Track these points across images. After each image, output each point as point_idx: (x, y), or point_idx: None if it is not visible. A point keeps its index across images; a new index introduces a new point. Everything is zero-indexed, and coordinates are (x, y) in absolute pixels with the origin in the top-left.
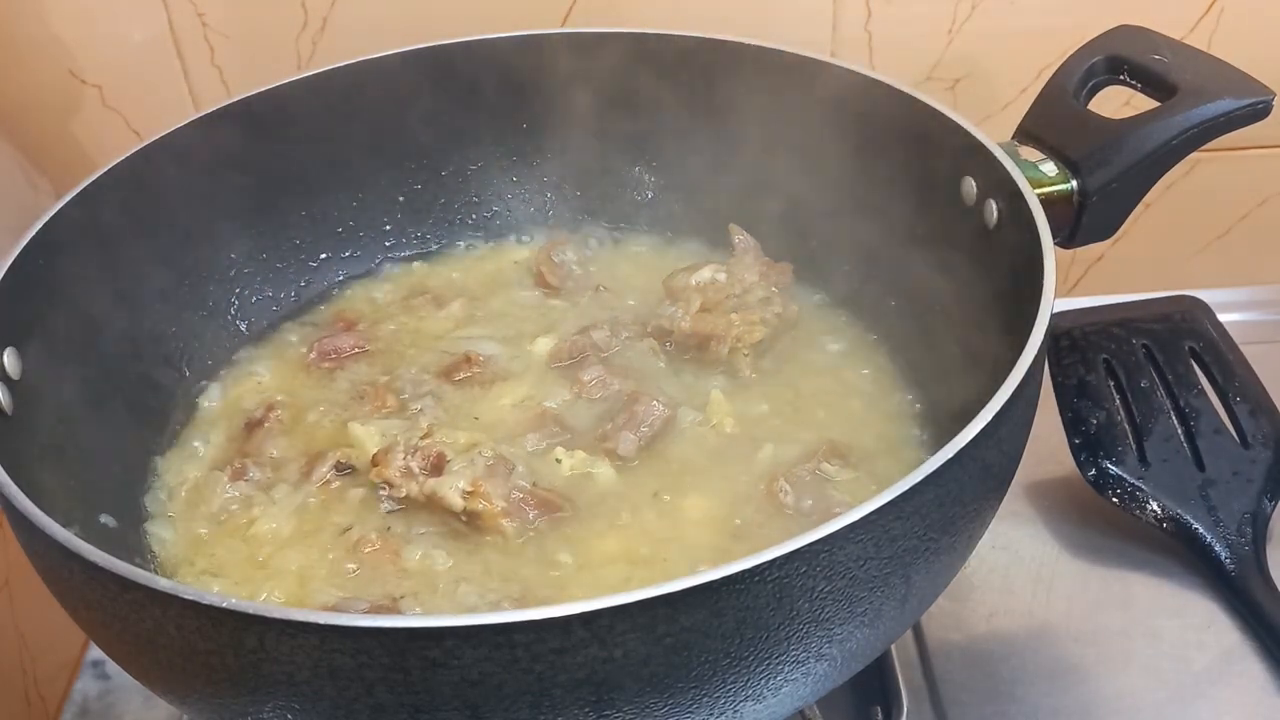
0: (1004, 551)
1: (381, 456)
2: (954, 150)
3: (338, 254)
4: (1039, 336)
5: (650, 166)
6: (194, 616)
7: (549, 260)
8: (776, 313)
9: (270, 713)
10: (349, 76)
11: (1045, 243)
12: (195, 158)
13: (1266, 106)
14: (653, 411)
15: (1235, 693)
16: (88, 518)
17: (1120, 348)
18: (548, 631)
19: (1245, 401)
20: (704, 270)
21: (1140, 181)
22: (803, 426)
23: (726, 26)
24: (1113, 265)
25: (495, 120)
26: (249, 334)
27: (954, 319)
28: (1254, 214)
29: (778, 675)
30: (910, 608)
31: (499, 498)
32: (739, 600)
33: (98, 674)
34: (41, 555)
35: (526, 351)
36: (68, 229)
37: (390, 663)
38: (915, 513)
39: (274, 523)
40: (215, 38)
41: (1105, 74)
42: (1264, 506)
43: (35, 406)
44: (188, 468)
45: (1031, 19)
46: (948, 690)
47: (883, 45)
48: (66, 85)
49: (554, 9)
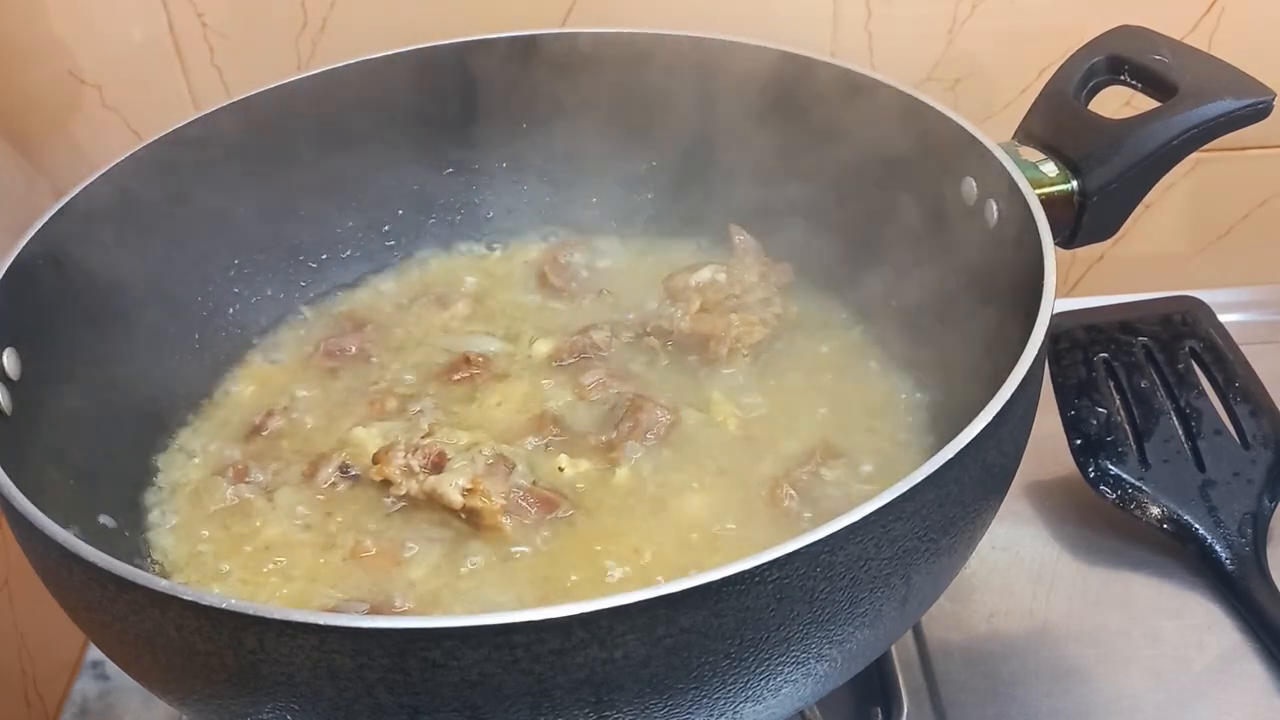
0: (1004, 552)
1: (382, 455)
2: (954, 150)
3: (337, 255)
4: (1039, 336)
5: (650, 166)
6: (193, 617)
7: (555, 262)
8: (776, 313)
9: (270, 713)
10: (349, 76)
11: (1045, 243)
12: (194, 158)
13: (1267, 106)
14: (657, 419)
15: (1235, 693)
16: (87, 518)
17: (1120, 348)
18: (547, 632)
19: (1245, 402)
20: (704, 270)
21: (1141, 182)
22: (803, 427)
23: (727, 26)
24: (1113, 265)
25: (495, 120)
26: (249, 334)
27: (954, 319)
28: (1254, 214)
29: (778, 676)
30: (910, 608)
31: (498, 495)
32: (739, 601)
33: (97, 674)
34: (41, 556)
35: (527, 352)
36: (67, 229)
37: (390, 664)
38: (915, 513)
39: (275, 524)
40: (215, 38)
41: (1105, 74)
42: (1264, 507)
43: (35, 407)
44: (189, 469)
45: (1031, 19)
46: (948, 691)
47: (883, 45)
48: (66, 85)
49: (554, 9)
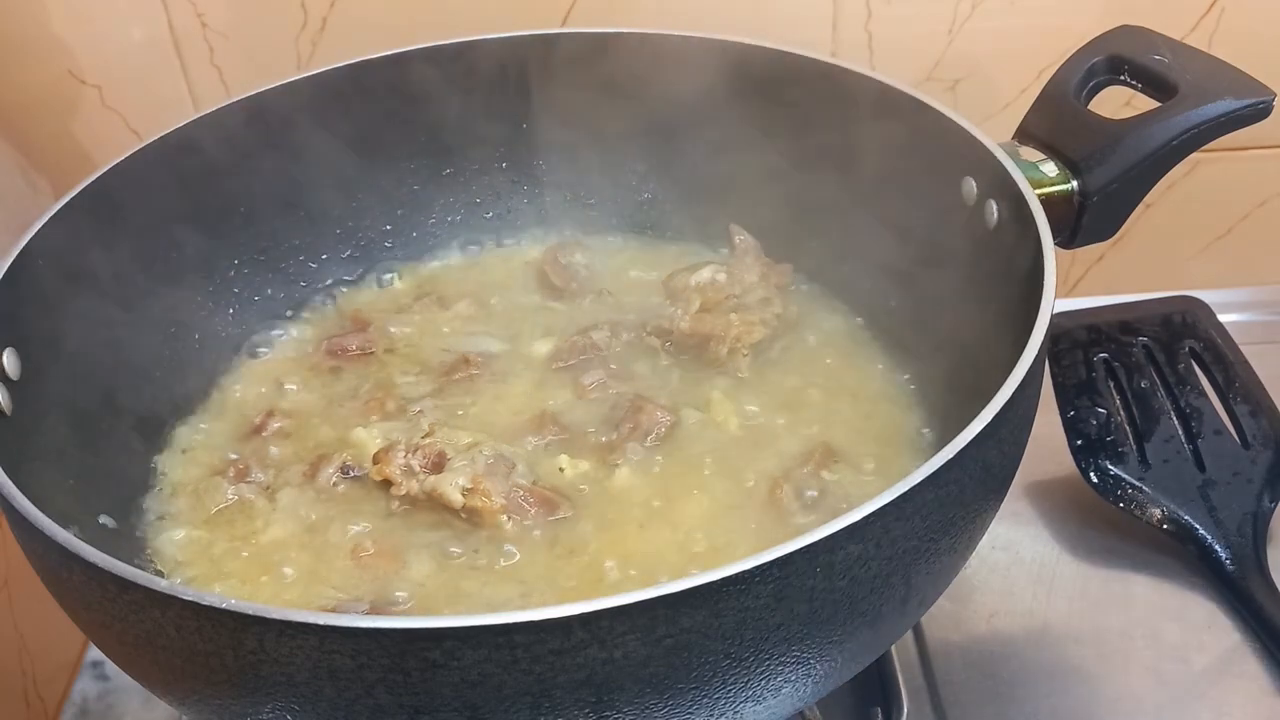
0: (1004, 552)
1: (383, 455)
2: (954, 150)
3: (337, 255)
4: (1039, 336)
5: (650, 166)
6: (193, 617)
7: (555, 262)
8: (776, 313)
9: (269, 714)
10: (349, 76)
11: (1045, 243)
12: (194, 158)
13: (1267, 106)
14: (657, 420)
15: (1235, 693)
16: (87, 518)
17: (1120, 348)
18: (547, 632)
19: (1245, 402)
20: (704, 270)
21: (1141, 182)
22: (802, 427)
23: (726, 26)
24: (1113, 265)
25: (495, 121)
26: (249, 334)
27: (954, 319)
28: (1254, 214)
29: (778, 676)
30: (910, 608)
31: (498, 495)
32: (739, 601)
33: (97, 674)
34: (41, 556)
35: (527, 352)
36: (67, 229)
37: (390, 664)
38: (915, 513)
39: (276, 524)
40: (215, 38)
41: (1106, 74)
42: (1264, 507)
43: (35, 407)
44: (189, 469)
45: (1031, 19)
46: (948, 691)
47: (883, 45)
48: (66, 85)
49: (554, 9)
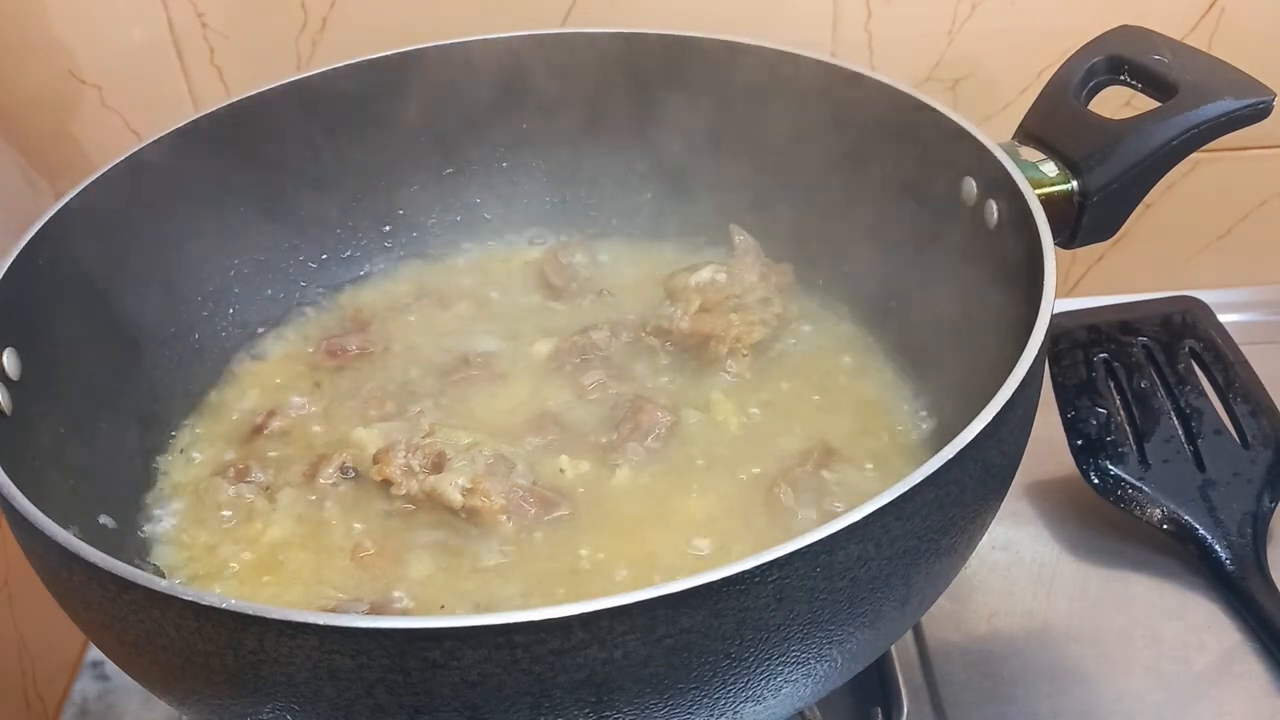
0: (1004, 552)
1: (383, 455)
2: (954, 150)
3: (337, 255)
4: (1039, 336)
5: (650, 166)
6: (193, 617)
7: (555, 262)
8: (776, 313)
9: (269, 714)
10: (349, 76)
11: (1045, 243)
12: (194, 158)
13: (1267, 106)
14: (657, 420)
15: (1235, 693)
16: (87, 518)
17: (1120, 348)
18: (547, 632)
19: (1245, 402)
20: (704, 270)
21: (1141, 182)
22: (802, 427)
23: (727, 26)
24: (1113, 265)
25: (495, 121)
26: (250, 334)
27: (954, 319)
28: (1254, 214)
29: (778, 676)
30: (910, 609)
31: (498, 495)
32: (739, 601)
33: (97, 675)
34: (41, 556)
35: (527, 352)
36: (67, 229)
37: (390, 664)
38: (915, 513)
39: (276, 524)
40: (215, 38)
41: (1106, 74)
42: (1264, 507)
43: (35, 407)
44: (189, 469)
45: (1031, 19)
46: (948, 691)
47: (883, 45)
48: (66, 85)
49: (554, 9)
